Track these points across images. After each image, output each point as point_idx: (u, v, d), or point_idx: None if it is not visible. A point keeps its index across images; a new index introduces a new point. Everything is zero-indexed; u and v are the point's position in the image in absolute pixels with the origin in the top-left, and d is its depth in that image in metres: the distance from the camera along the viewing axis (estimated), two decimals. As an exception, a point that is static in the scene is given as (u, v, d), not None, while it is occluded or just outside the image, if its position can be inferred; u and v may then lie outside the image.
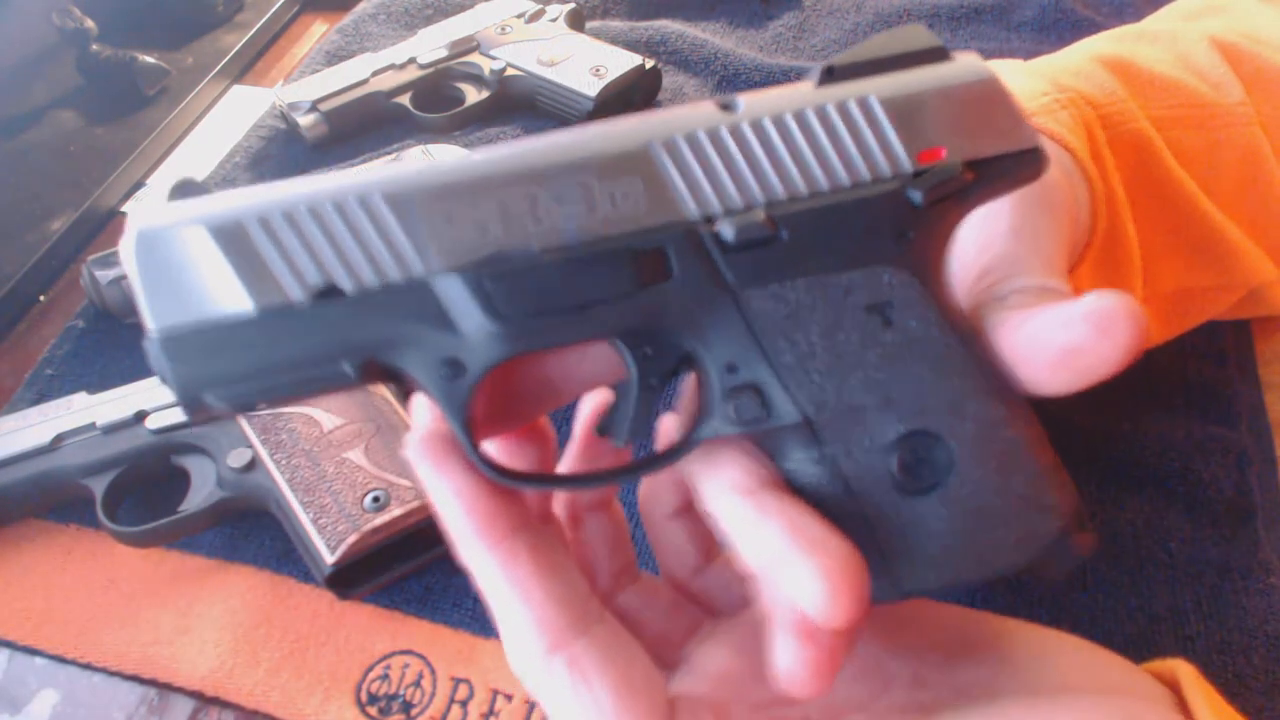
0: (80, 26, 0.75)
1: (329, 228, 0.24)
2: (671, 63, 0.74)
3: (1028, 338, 0.25)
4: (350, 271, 0.24)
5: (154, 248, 0.24)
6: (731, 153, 0.25)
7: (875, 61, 0.27)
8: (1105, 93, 0.41)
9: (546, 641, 0.26)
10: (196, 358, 0.24)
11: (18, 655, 0.44)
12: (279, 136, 0.72)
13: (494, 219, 0.24)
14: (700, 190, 0.25)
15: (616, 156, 0.25)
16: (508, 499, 0.27)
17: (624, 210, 0.25)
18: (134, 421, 0.48)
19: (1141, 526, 0.43)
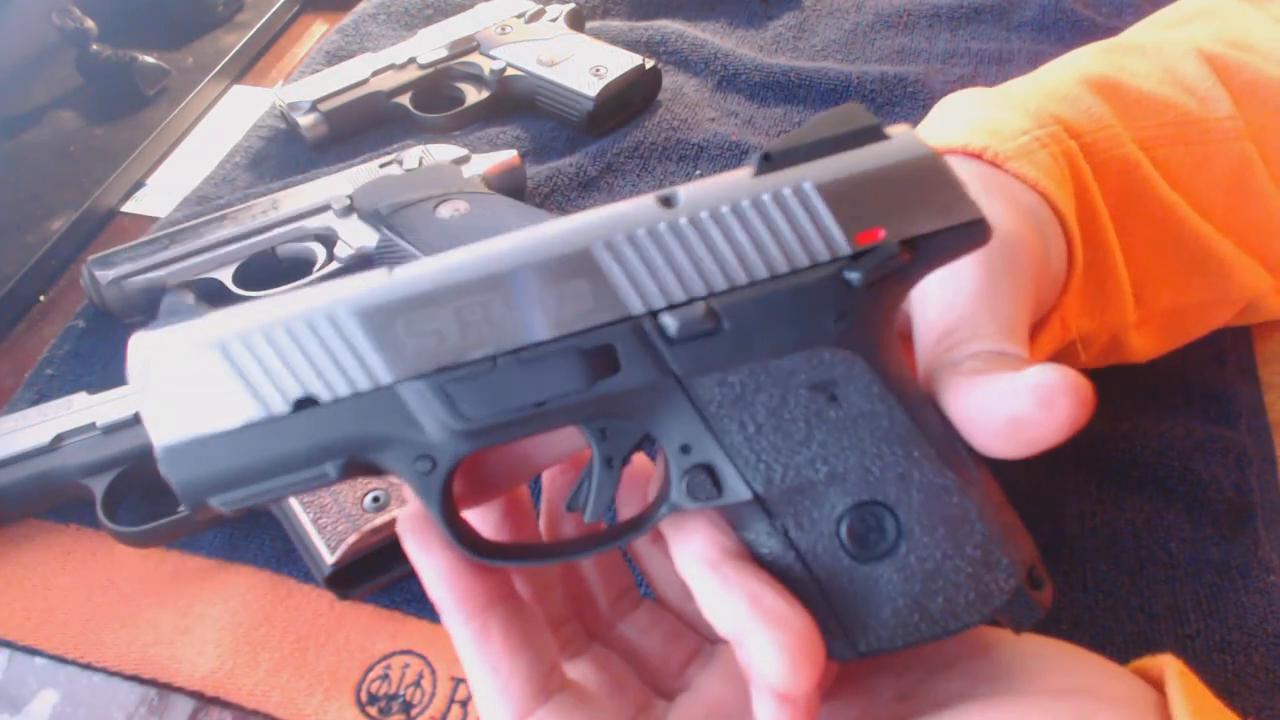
0: (80, 26, 0.75)
1: (303, 344, 0.26)
2: (671, 63, 0.74)
3: (976, 406, 0.27)
4: (324, 382, 0.26)
5: (153, 370, 0.27)
6: (671, 249, 0.26)
7: (812, 145, 0.27)
8: (1091, 119, 0.41)
9: (512, 709, 0.28)
10: (196, 467, 0.28)
11: (18, 655, 0.44)
12: (279, 136, 0.72)
13: (451, 327, 0.26)
14: (642, 286, 0.26)
15: (561, 260, 0.26)
16: (485, 575, 0.29)
17: (571, 310, 0.26)
18: (134, 421, 0.48)
19: (1141, 526, 0.43)
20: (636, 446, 0.28)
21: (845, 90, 0.70)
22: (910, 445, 0.27)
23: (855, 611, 0.27)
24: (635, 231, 0.26)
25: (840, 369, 0.27)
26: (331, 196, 0.60)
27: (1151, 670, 0.27)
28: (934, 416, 0.27)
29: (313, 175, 0.63)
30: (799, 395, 0.27)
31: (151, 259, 0.57)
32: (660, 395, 0.27)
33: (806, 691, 0.25)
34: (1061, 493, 0.44)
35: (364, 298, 0.26)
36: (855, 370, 0.27)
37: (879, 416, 0.27)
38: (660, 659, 0.32)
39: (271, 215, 0.59)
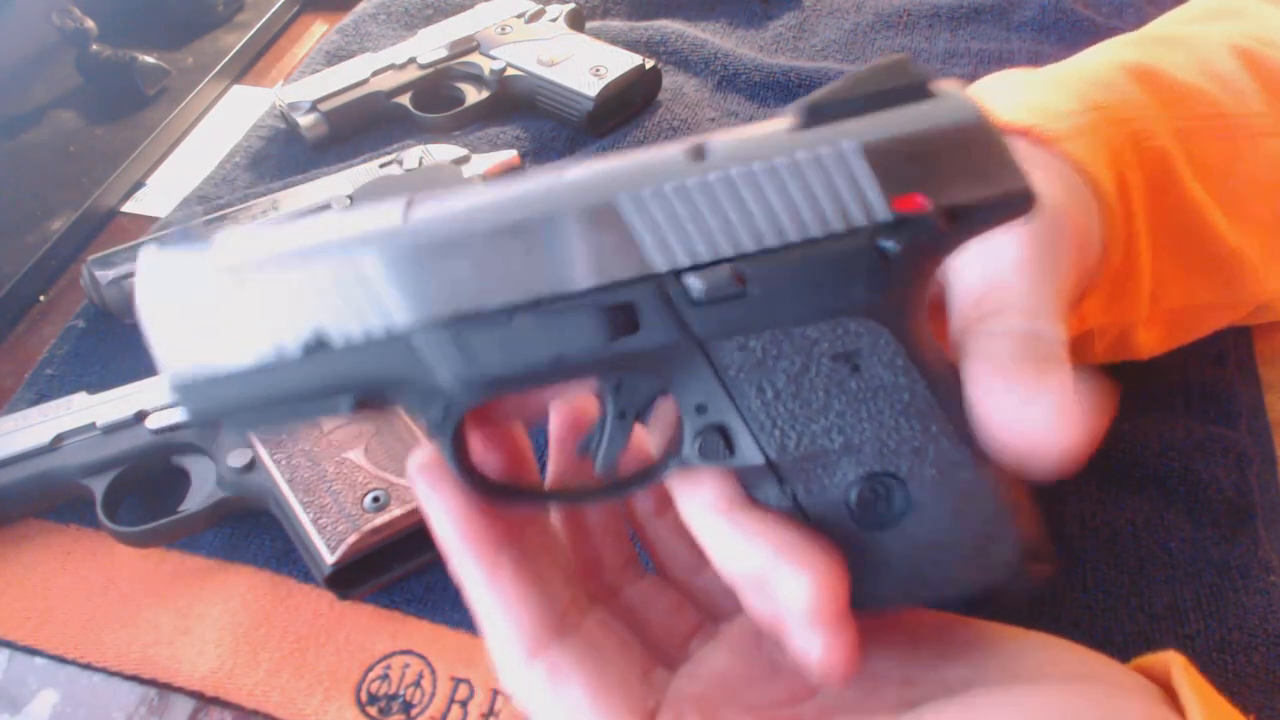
0: (80, 26, 0.75)
1: (320, 284, 0.25)
2: (671, 63, 0.74)
3: (993, 405, 0.26)
4: (339, 325, 0.26)
5: (165, 293, 0.26)
6: (699, 206, 0.25)
7: (856, 100, 0.25)
8: (1132, 106, 0.40)
9: (526, 647, 0.28)
10: (204, 398, 0.27)
11: (18, 655, 0.44)
12: (279, 136, 0.72)
13: (469, 275, 0.25)
14: (668, 244, 0.25)
15: (586, 212, 0.25)
16: (496, 518, 0.29)
17: (593, 265, 0.25)
18: (134, 421, 0.48)
19: (1141, 526, 0.43)
20: (651, 402, 0.28)
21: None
22: (929, 420, 0.26)
23: (853, 570, 0.27)
24: (663, 186, 0.25)
25: (865, 340, 0.26)
26: (331, 196, 0.60)
27: (1153, 668, 0.27)
28: (956, 388, 0.27)
29: (313, 175, 0.63)
30: (821, 364, 0.26)
31: (151, 259, 0.57)
32: (679, 355, 0.27)
33: (842, 612, 0.25)
34: (1061, 493, 0.44)
35: (385, 239, 0.25)
36: (881, 342, 0.26)
37: (900, 390, 0.26)
38: (663, 630, 0.32)
39: (271, 215, 0.59)
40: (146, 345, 0.27)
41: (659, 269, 0.25)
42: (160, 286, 0.26)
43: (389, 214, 0.26)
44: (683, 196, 0.25)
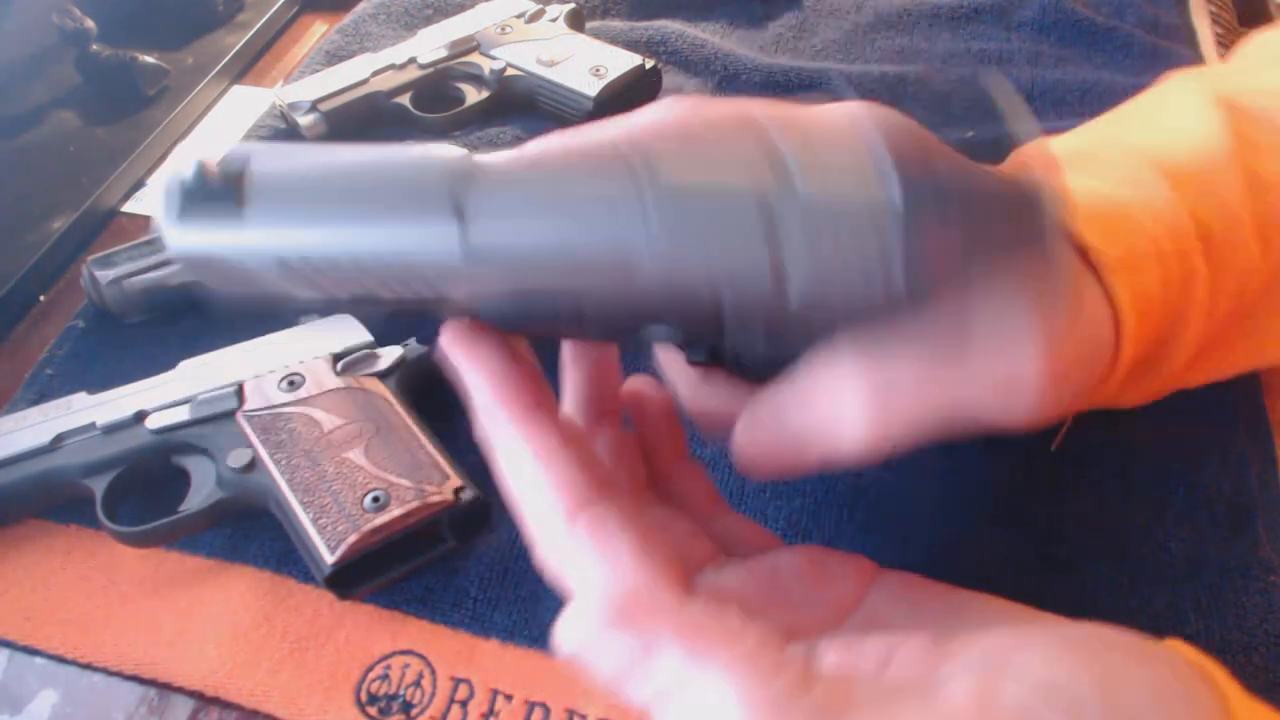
0: (80, 26, 0.75)
1: (372, 272, 0.26)
2: (671, 63, 0.74)
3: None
4: (389, 291, 0.26)
5: (201, 264, 0.26)
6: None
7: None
8: (1228, 216, 0.37)
9: (569, 503, 0.27)
10: (249, 300, 0.27)
11: (18, 655, 0.44)
12: (279, 136, 0.72)
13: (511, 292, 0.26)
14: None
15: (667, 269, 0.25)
16: (531, 380, 0.28)
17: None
18: (134, 421, 0.48)
19: (1141, 526, 0.43)
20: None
21: (846, 91, 0.70)
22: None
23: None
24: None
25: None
26: (331, 196, 0.60)
27: None
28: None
29: (313, 175, 0.63)
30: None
31: (151, 259, 0.57)
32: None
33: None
34: (1061, 493, 0.44)
35: (438, 251, 0.26)
36: None
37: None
38: (679, 553, 0.31)
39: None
40: (146, 345, 0.27)
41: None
42: (199, 257, 0.26)
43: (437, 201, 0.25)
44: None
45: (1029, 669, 0.23)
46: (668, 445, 0.35)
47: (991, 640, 0.25)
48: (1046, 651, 0.24)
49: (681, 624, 0.23)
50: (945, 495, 0.41)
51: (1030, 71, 0.70)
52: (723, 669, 0.23)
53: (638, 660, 0.23)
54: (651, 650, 0.23)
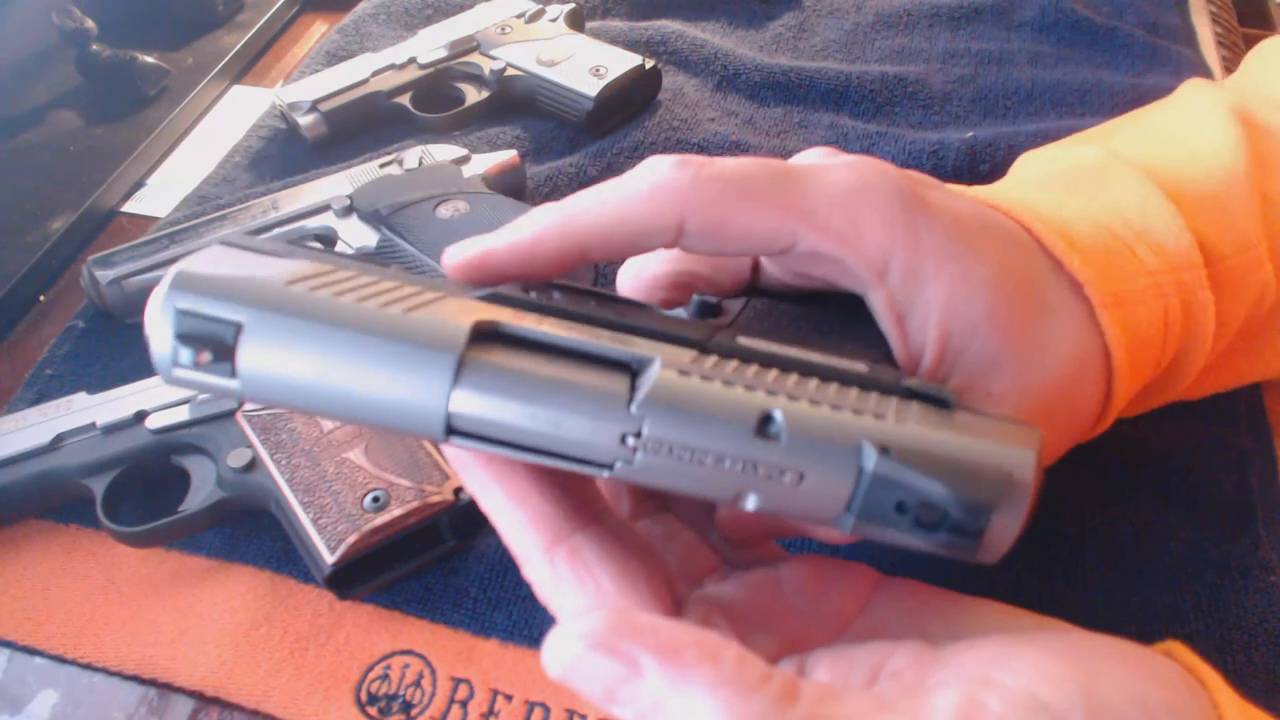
0: (80, 26, 0.75)
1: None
2: (671, 63, 0.74)
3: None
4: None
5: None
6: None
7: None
8: (1238, 238, 0.37)
9: (546, 538, 0.28)
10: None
11: (18, 655, 0.44)
12: (279, 136, 0.72)
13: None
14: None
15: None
16: None
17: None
18: (134, 421, 0.48)
19: (1141, 526, 0.43)
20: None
21: (845, 90, 0.70)
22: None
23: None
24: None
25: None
26: (331, 196, 0.60)
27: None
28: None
29: (313, 175, 0.63)
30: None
31: (151, 259, 0.57)
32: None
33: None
34: (1061, 493, 0.44)
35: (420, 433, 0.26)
36: None
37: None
38: (678, 565, 0.32)
39: (271, 215, 0.59)
40: (146, 345, 0.27)
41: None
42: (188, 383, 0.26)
43: (429, 410, 0.25)
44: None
45: (1013, 681, 0.23)
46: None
47: (979, 651, 0.25)
48: (1032, 663, 0.24)
49: (660, 645, 0.24)
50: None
51: (1030, 71, 0.70)
52: (703, 688, 0.23)
53: (622, 682, 0.24)
54: (634, 671, 0.24)
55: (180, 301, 0.25)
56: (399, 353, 0.24)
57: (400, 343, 0.24)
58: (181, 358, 0.25)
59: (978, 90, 0.69)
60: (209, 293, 0.25)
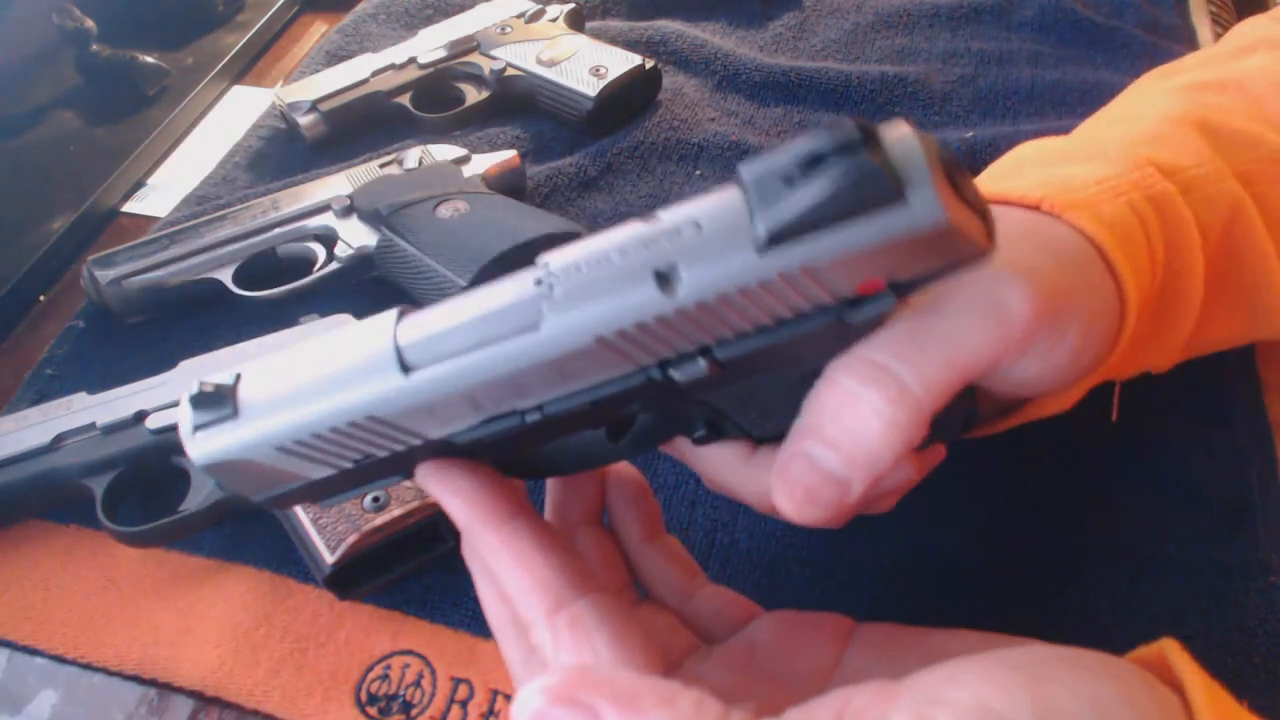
0: (80, 26, 0.75)
1: (350, 435, 0.29)
2: (671, 63, 0.74)
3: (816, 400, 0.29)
4: (379, 448, 0.30)
5: (221, 470, 0.30)
6: (677, 326, 0.26)
7: (826, 222, 0.24)
8: (1190, 154, 0.38)
9: (549, 600, 0.29)
10: (282, 501, 0.32)
11: (18, 655, 0.44)
12: (279, 136, 0.72)
13: (472, 408, 0.28)
14: (652, 351, 0.27)
15: (569, 356, 0.27)
16: (507, 493, 0.30)
17: (585, 377, 0.28)
18: (134, 421, 0.48)
19: (1141, 527, 0.43)
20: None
21: (845, 90, 0.70)
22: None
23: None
24: (643, 320, 0.26)
25: (822, 366, 0.29)
26: (331, 196, 0.60)
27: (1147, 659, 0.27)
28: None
29: (313, 175, 0.63)
30: (791, 382, 0.30)
31: (151, 259, 0.57)
32: (672, 404, 0.30)
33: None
34: (1060, 493, 0.44)
35: (393, 404, 0.28)
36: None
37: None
38: (659, 647, 0.32)
39: (271, 215, 0.59)
40: (146, 345, 0.28)
41: (644, 364, 0.28)
42: (217, 466, 0.29)
43: (385, 359, 0.28)
44: (662, 323, 0.26)
45: (964, 695, 0.24)
46: (643, 523, 0.36)
47: (934, 674, 0.25)
48: (982, 675, 0.24)
49: (617, 693, 0.25)
50: (943, 499, 0.41)
51: (1030, 71, 0.70)
52: None
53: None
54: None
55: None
56: (353, 336, 0.29)
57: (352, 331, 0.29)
58: (196, 404, 0.30)
59: (977, 90, 0.69)
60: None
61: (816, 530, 0.44)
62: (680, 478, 0.47)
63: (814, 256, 0.25)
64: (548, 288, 0.26)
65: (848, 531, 0.44)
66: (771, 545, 0.44)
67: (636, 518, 0.36)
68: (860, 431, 0.28)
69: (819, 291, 0.26)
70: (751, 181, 0.25)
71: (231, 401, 0.29)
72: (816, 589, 0.42)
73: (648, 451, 0.34)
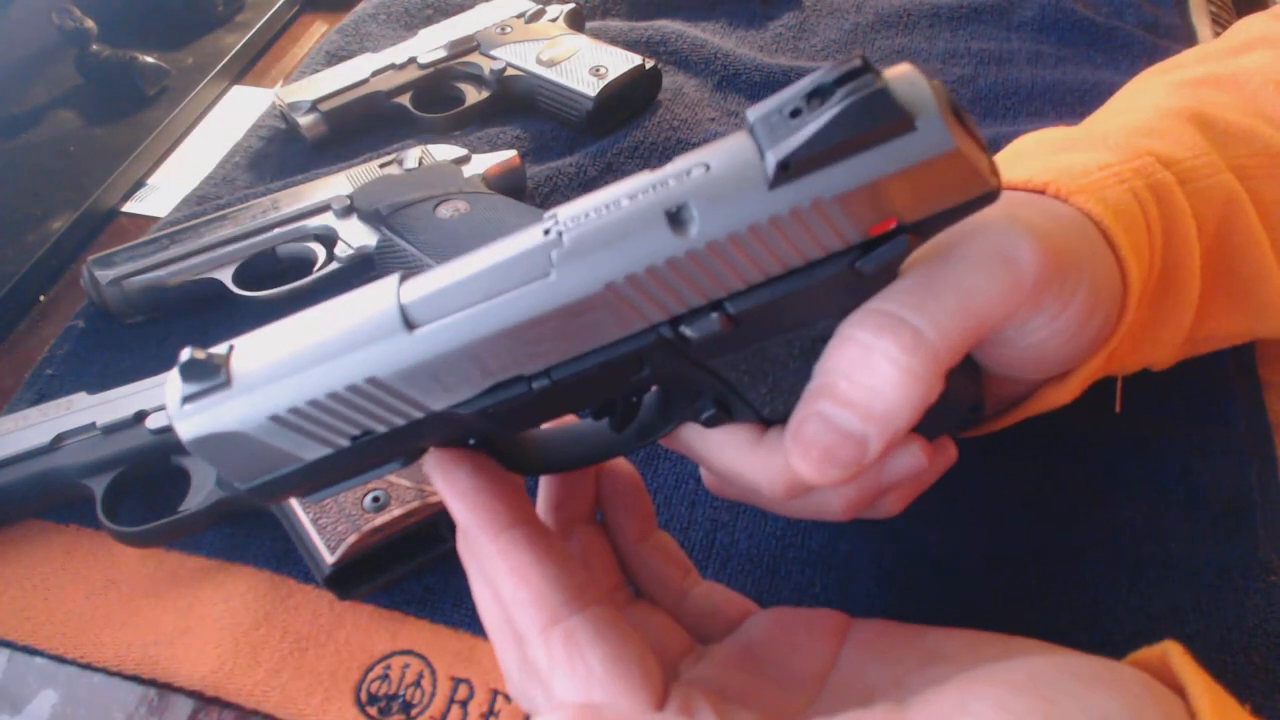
0: (80, 26, 0.75)
1: (348, 403, 0.27)
2: (671, 63, 0.74)
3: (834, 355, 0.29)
4: (376, 421, 0.28)
5: (209, 446, 0.28)
6: (690, 272, 0.26)
7: (833, 149, 0.24)
8: (1185, 147, 0.39)
9: (545, 615, 0.28)
10: (273, 489, 0.29)
11: (18, 655, 0.44)
12: (279, 136, 0.72)
13: (479, 369, 0.27)
14: (663, 303, 0.26)
15: (580, 303, 0.26)
16: (509, 498, 0.30)
17: (594, 336, 0.27)
18: (134, 421, 0.48)
19: (1141, 526, 0.43)
20: (648, 388, 0.32)
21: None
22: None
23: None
24: (655, 264, 0.25)
25: (834, 327, 0.29)
26: (331, 196, 0.60)
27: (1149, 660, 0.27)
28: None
29: (313, 175, 0.63)
30: (803, 347, 0.29)
31: (151, 259, 0.57)
32: (679, 376, 0.30)
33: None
34: (1060, 493, 0.44)
35: (395, 361, 0.26)
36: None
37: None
38: (654, 649, 0.32)
39: (271, 215, 0.59)
40: (146, 345, 0.28)
41: (655, 321, 0.27)
42: (205, 441, 0.27)
43: (388, 316, 0.27)
44: (674, 267, 0.26)
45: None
46: (637, 521, 0.36)
47: (942, 700, 0.26)
48: (994, 702, 0.24)
49: None
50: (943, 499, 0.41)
51: (1030, 71, 0.70)
52: None
53: None
54: None
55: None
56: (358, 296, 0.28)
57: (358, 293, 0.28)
58: (187, 372, 0.28)
59: (978, 90, 0.69)
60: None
61: (816, 530, 0.44)
62: (680, 478, 0.47)
63: (824, 188, 0.25)
64: (556, 235, 0.26)
65: (847, 531, 0.44)
66: (771, 545, 0.44)
67: (631, 515, 0.36)
68: (875, 384, 0.27)
69: (830, 233, 0.26)
70: (758, 120, 0.25)
71: (224, 370, 0.27)
72: (816, 588, 0.42)
73: (651, 442, 0.33)
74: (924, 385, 0.27)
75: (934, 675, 0.29)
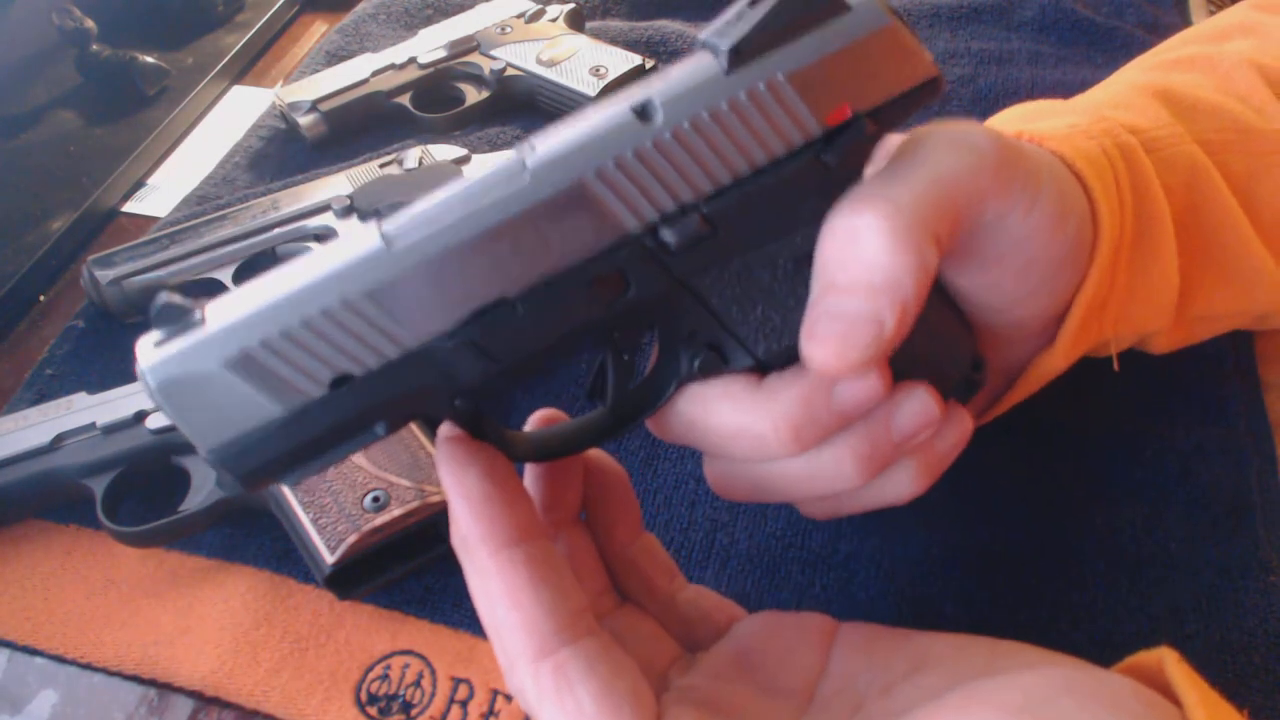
0: (80, 26, 0.75)
1: (325, 334, 0.26)
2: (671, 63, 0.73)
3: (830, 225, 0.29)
4: (353, 360, 0.27)
5: (177, 392, 0.26)
6: (658, 165, 0.27)
7: (777, 32, 0.27)
8: (1150, 118, 0.40)
9: (535, 646, 0.27)
10: (249, 458, 0.27)
11: (18, 655, 0.44)
12: (279, 136, 0.72)
13: (461, 286, 0.27)
14: (637, 206, 0.27)
15: (556, 199, 0.27)
16: (515, 509, 0.29)
17: (576, 243, 0.27)
18: (134, 421, 0.48)
19: (1141, 526, 0.43)
20: (641, 337, 0.32)
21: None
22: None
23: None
24: (623, 155, 0.27)
25: (814, 239, 0.29)
26: (331, 196, 0.60)
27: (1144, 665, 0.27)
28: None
29: (313, 175, 0.63)
30: (786, 269, 0.30)
31: (151, 259, 0.57)
32: (667, 299, 0.30)
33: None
34: (1060, 493, 0.44)
35: (373, 276, 0.26)
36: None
37: None
38: (643, 659, 0.32)
39: (271, 215, 0.59)
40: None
41: (634, 230, 0.28)
42: (174, 384, 0.26)
43: (366, 238, 0.27)
44: (643, 160, 0.27)
45: None
46: (624, 523, 0.35)
47: (939, 717, 0.26)
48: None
49: None
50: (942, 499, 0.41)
51: (1030, 71, 0.70)
52: None
53: None
54: None
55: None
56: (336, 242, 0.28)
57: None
58: (160, 315, 0.27)
59: (978, 90, 0.69)
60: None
61: (816, 530, 0.44)
62: (680, 478, 0.47)
63: (776, 67, 0.27)
64: (529, 147, 0.27)
65: (847, 531, 0.44)
66: (772, 545, 0.44)
67: (618, 517, 0.35)
68: (868, 258, 0.28)
69: (788, 120, 0.27)
70: (709, 33, 0.28)
71: (199, 312, 0.26)
72: (816, 588, 0.42)
73: (649, 414, 0.32)
74: (915, 248, 0.28)
75: (923, 683, 0.28)
